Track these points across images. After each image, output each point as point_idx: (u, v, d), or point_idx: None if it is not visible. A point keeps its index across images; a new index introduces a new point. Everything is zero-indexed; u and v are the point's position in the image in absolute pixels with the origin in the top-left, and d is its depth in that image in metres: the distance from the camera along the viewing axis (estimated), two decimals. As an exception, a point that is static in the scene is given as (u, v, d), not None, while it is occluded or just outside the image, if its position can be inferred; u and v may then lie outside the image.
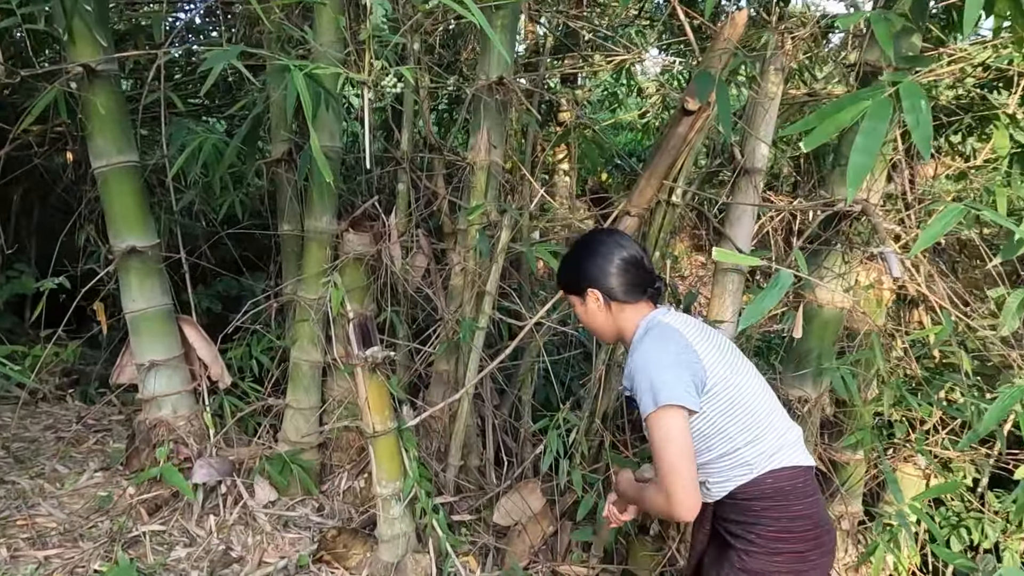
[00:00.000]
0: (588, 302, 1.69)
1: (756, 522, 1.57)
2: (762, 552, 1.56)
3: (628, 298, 1.65)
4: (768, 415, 1.61)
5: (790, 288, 1.96)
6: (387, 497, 2.43)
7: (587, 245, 1.72)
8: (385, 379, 2.38)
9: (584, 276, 1.68)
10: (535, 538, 2.94)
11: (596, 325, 1.72)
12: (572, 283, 1.74)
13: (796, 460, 1.60)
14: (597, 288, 1.65)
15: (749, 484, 1.57)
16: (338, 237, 2.95)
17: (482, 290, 2.97)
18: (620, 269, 1.64)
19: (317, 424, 3.05)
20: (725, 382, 1.57)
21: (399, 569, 2.42)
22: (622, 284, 1.63)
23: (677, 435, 1.45)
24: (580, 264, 1.70)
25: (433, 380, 3.29)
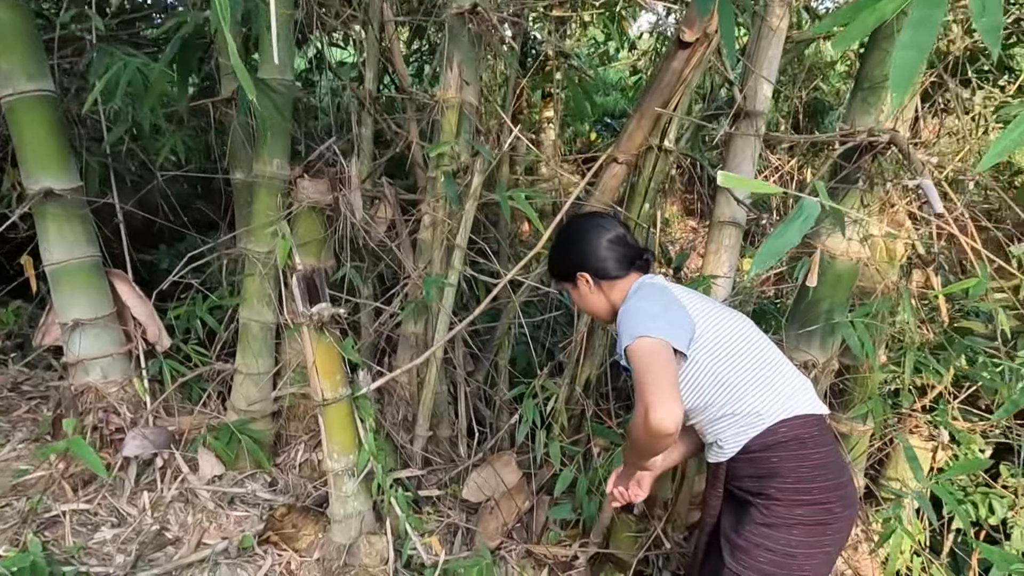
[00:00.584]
0: (580, 286, 1.72)
1: (773, 475, 1.49)
2: (783, 505, 1.48)
3: (618, 273, 1.67)
4: (773, 364, 1.57)
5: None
6: (339, 472, 2.16)
7: (570, 233, 1.76)
8: (336, 340, 2.09)
9: (572, 262, 1.72)
10: (509, 515, 2.69)
11: (591, 306, 1.75)
12: (562, 272, 1.77)
13: (809, 408, 1.53)
14: (586, 271, 1.69)
15: (763, 434, 1.49)
16: (291, 184, 2.63)
17: (452, 244, 2.68)
18: (606, 248, 1.67)
19: (270, 391, 2.77)
20: (718, 330, 1.56)
21: (351, 552, 2.16)
22: (610, 262, 1.67)
23: (657, 357, 1.40)
24: (566, 252, 1.74)
25: (400, 343, 3.01)
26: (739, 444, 1.51)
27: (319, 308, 1.99)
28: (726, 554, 1.53)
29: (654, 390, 1.33)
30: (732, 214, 2.55)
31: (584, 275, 1.69)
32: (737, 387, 1.51)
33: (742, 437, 1.51)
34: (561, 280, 1.80)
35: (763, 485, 1.50)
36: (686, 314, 1.55)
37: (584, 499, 2.51)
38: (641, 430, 1.35)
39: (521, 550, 2.58)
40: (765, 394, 1.50)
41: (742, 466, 1.54)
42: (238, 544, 2.23)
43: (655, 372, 1.36)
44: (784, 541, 1.46)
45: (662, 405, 1.31)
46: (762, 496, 1.50)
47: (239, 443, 2.58)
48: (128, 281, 2.57)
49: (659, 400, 1.31)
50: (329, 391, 2.09)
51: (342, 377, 2.12)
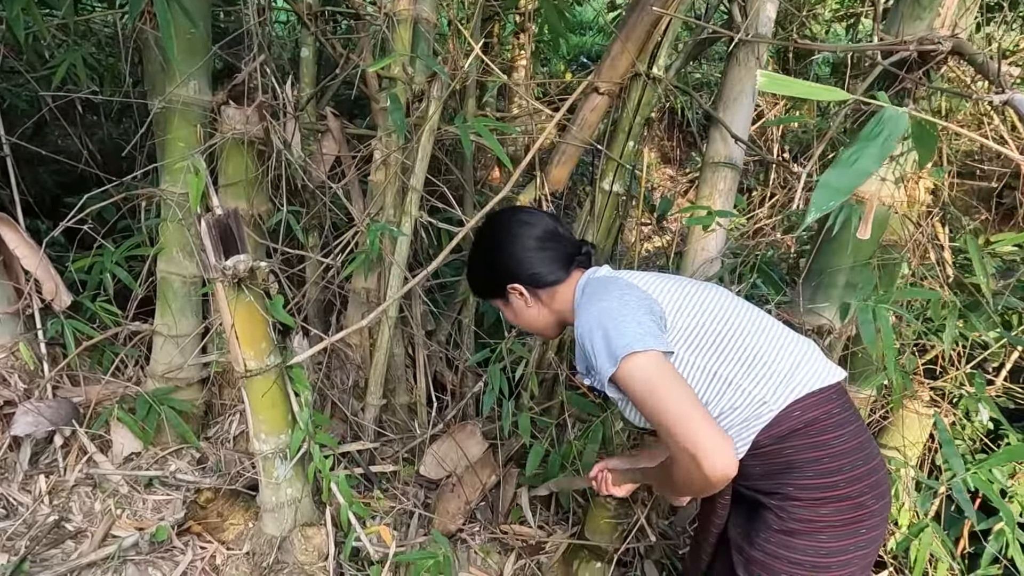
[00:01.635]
0: (513, 301, 1.42)
1: (789, 469, 1.22)
2: (804, 506, 1.21)
3: (556, 278, 1.37)
4: (768, 337, 1.27)
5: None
6: (268, 455, 1.82)
7: (488, 236, 1.44)
8: (259, 299, 1.72)
9: (497, 273, 1.40)
10: (472, 492, 2.40)
11: (530, 322, 1.44)
12: (487, 287, 1.46)
13: (822, 378, 1.24)
14: (518, 281, 1.38)
15: (772, 424, 1.21)
16: (214, 112, 2.21)
17: (406, 185, 2.30)
18: (535, 249, 1.36)
19: (197, 355, 2.40)
20: (692, 313, 1.27)
21: (284, 548, 1.85)
22: (544, 264, 1.36)
23: (661, 376, 1.12)
24: (488, 261, 1.42)
25: (351, 300, 2.65)
26: (747, 442, 1.23)
27: (235, 260, 1.62)
28: (739, 570, 1.25)
29: (691, 428, 1.06)
30: (728, 153, 2.21)
31: (516, 287, 1.38)
32: (730, 376, 1.22)
33: (748, 433, 1.22)
34: (488, 296, 1.48)
35: (778, 483, 1.22)
36: (646, 296, 1.26)
37: (556, 473, 2.22)
38: (693, 481, 1.09)
39: (486, 534, 2.30)
40: (765, 376, 1.22)
41: (750, 463, 1.25)
42: (151, 537, 1.89)
43: (676, 401, 1.09)
44: (812, 550, 1.18)
45: (714, 450, 1.05)
46: (777, 496, 1.22)
47: (159, 416, 2.23)
48: (15, 227, 2.15)
49: (706, 442, 1.05)
50: (253, 360, 1.74)
51: (269, 344, 1.76)
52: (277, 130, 2.20)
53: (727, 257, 1.90)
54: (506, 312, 1.46)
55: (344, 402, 2.61)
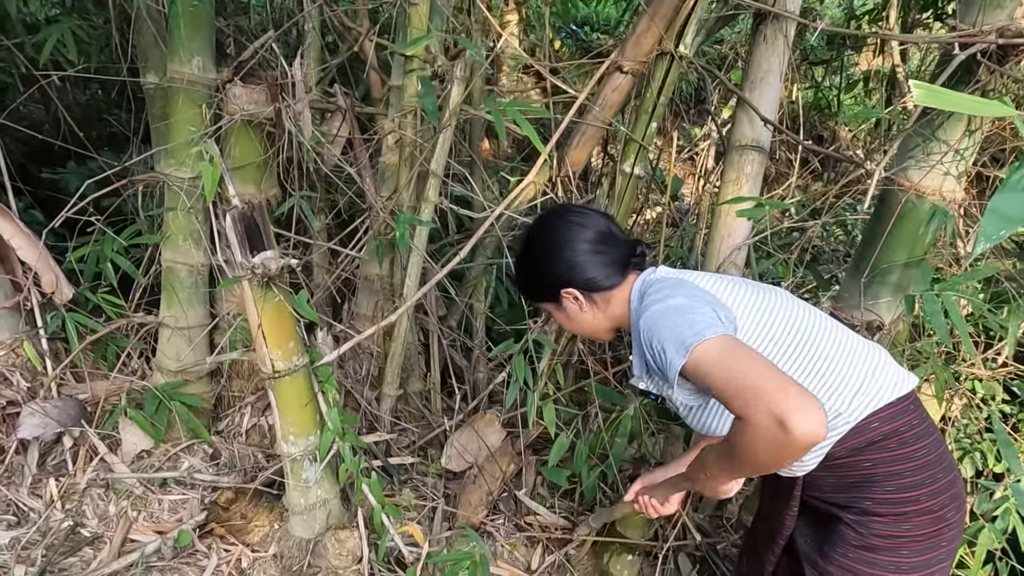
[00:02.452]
0: (567, 305, 1.36)
1: (868, 483, 1.18)
2: (885, 521, 1.17)
3: (612, 282, 1.31)
4: (839, 344, 1.21)
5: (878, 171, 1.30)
6: (297, 458, 1.75)
7: (540, 239, 1.37)
8: (287, 297, 1.63)
9: (550, 279, 1.34)
10: (493, 483, 2.36)
11: (584, 327, 1.39)
12: (539, 292, 1.40)
13: (899, 388, 1.19)
14: (572, 286, 1.32)
15: (848, 437, 1.17)
16: (218, 91, 2.08)
17: (425, 170, 2.19)
18: (589, 252, 1.30)
19: (206, 347, 2.30)
20: (762, 318, 1.21)
21: (317, 552, 1.79)
22: (598, 269, 1.30)
23: (737, 348, 1.04)
24: (540, 266, 1.37)
25: (360, 287, 2.56)
26: (820, 453, 1.19)
27: (264, 258, 1.52)
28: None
29: (774, 387, 0.93)
30: (755, 136, 2.15)
31: (570, 291, 1.32)
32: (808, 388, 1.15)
33: (823, 444, 1.18)
34: (540, 301, 1.42)
35: (854, 497, 1.18)
36: (716, 300, 1.19)
37: (583, 468, 2.19)
38: (776, 444, 0.94)
39: (510, 525, 2.27)
40: (840, 386, 1.17)
41: (823, 475, 1.21)
42: (174, 541, 1.82)
43: (755, 368, 0.97)
44: (892, 566, 1.15)
45: (803, 407, 0.91)
46: (854, 511, 1.19)
47: (169, 412, 2.13)
48: (9, 215, 2.01)
49: (794, 399, 0.92)
50: (281, 361, 1.65)
51: (296, 343, 1.68)
52: (288, 111, 2.07)
53: (763, 245, 1.85)
54: (558, 316, 1.39)
55: (358, 391, 2.54)
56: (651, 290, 1.22)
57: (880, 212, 1.58)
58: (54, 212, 2.04)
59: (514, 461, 2.46)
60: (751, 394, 0.95)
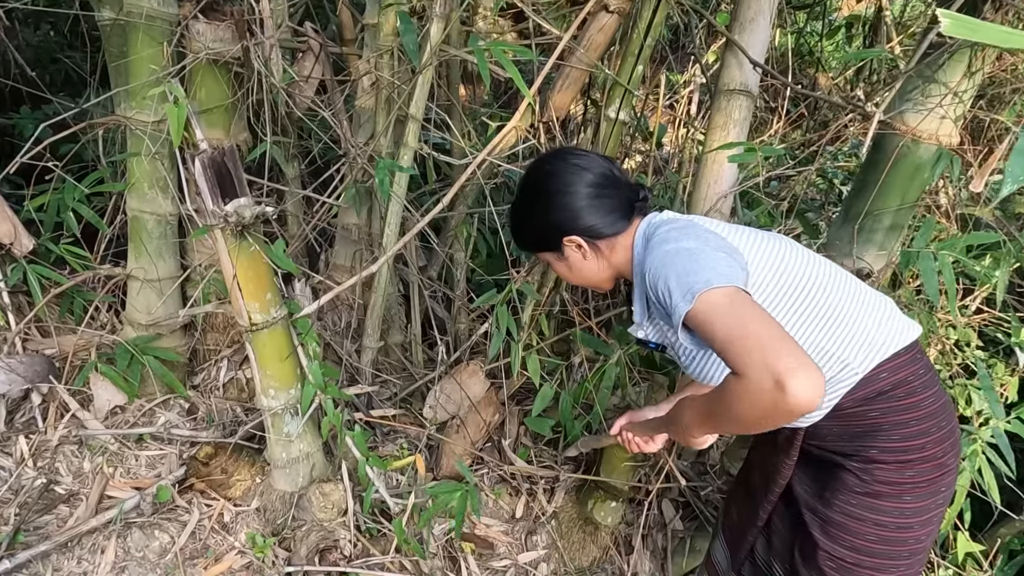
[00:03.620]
0: (568, 255, 1.30)
1: (873, 431, 1.18)
2: (889, 468, 1.17)
3: (616, 228, 1.26)
4: (848, 294, 1.19)
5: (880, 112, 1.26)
6: (278, 412, 1.71)
7: (540, 184, 1.30)
8: (263, 247, 1.56)
9: (551, 227, 1.28)
10: (477, 432, 2.35)
11: (588, 277, 1.34)
12: (540, 240, 1.33)
13: (905, 337, 1.18)
14: (575, 234, 1.26)
15: (857, 388, 1.16)
16: (181, 28, 1.95)
17: (403, 114, 2.10)
18: (592, 197, 1.24)
19: (178, 300, 2.22)
20: (772, 267, 1.17)
21: (301, 506, 1.77)
22: (602, 215, 1.25)
23: (744, 303, 0.98)
24: (539, 214, 1.30)
25: (338, 237, 2.49)
26: (828, 405, 1.18)
27: (237, 206, 1.45)
28: (815, 531, 1.23)
29: (777, 348, 0.88)
30: (744, 80, 2.09)
31: (573, 239, 1.26)
32: (813, 339, 1.14)
33: (831, 397, 1.17)
34: (538, 251, 1.36)
35: (859, 445, 1.18)
36: (734, 251, 1.13)
37: (567, 418, 2.19)
38: (769, 406, 0.88)
39: (494, 475, 2.27)
40: (849, 337, 1.14)
41: (828, 424, 1.21)
42: (154, 497, 1.78)
43: (757, 324, 0.93)
44: (896, 511, 1.16)
45: (801, 369, 0.85)
46: (858, 459, 1.18)
47: (142, 366, 2.07)
48: (-41, 162, 1.88)
49: (794, 362, 0.86)
50: (259, 313, 1.59)
51: (274, 295, 1.62)
52: (257, 49, 1.95)
53: (753, 192, 1.81)
54: (558, 267, 1.34)
55: (337, 344, 2.49)
56: (659, 232, 1.17)
57: (874, 158, 1.55)
58: (7, 160, 1.92)
59: (498, 411, 2.45)
60: (752, 348, 0.90)
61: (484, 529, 2.05)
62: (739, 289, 1.01)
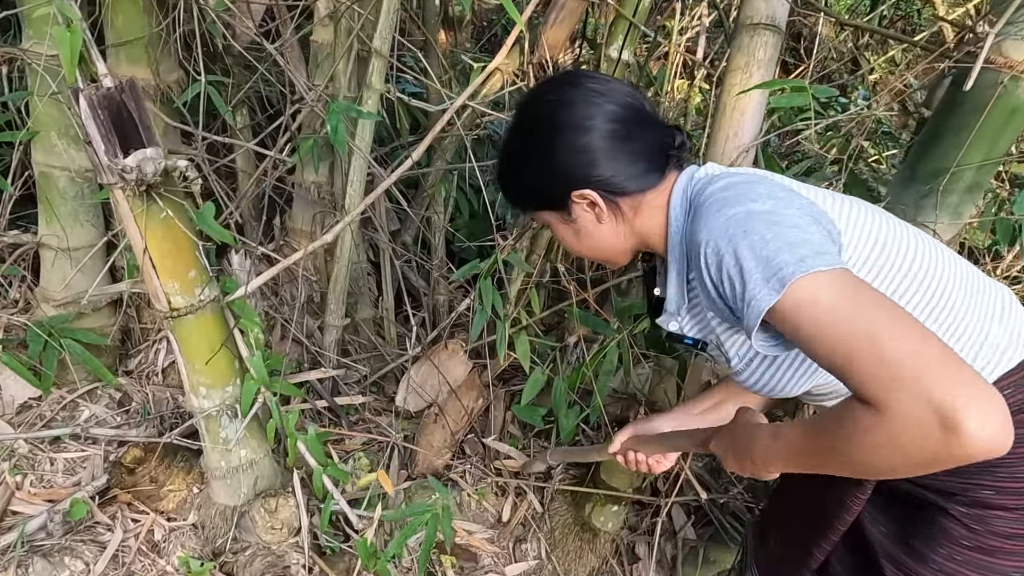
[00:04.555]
0: (578, 215, 0.96)
1: (991, 468, 0.85)
2: (1010, 514, 0.87)
3: (644, 182, 0.92)
4: (961, 282, 0.88)
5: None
6: (212, 414, 1.40)
7: (542, 117, 0.94)
8: (181, 212, 1.22)
9: (557, 174, 0.93)
10: (458, 421, 2.06)
11: (600, 245, 0.99)
12: (540, 194, 0.98)
13: None
14: (589, 187, 0.92)
15: None
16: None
17: (367, 49, 1.74)
18: (616, 138, 0.90)
19: (102, 272, 1.88)
20: (869, 241, 0.85)
21: (243, 526, 1.47)
22: (629, 163, 0.91)
23: (864, 296, 0.68)
24: (540, 155, 0.94)
25: (296, 198, 2.15)
26: None
27: (138, 158, 1.11)
28: None
29: (933, 366, 0.61)
30: (771, 13, 1.75)
31: (585, 194, 0.92)
32: None
33: None
34: (536, 208, 1.01)
35: (969, 484, 0.88)
36: (823, 216, 0.82)
37: (561, 406, 1.90)
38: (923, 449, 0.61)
39: (477, 471, 1.99)
40: (966, 338, 0.86)
41: None
42: (64, 515, 1.48)
43: (898, 328, 0.64)
44: (1015, 572, 0.88)
45: (979, 399, 0.58)
46: (966, 501, 0.89)
47: (60, 351, 1.74)
48: None
49: (964, 389, 0.59)
50: (180, 295, 1.27)
51: (200, 271, 1.29)
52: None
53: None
54: (561, 231, 1.00)
55: (296, 321, 2.17)
56: (712, 190, 0.84)
57: (955, 100, 1.24)
58: None
59: (481, 395, 2.16)
60: (896, 367, 0.61)
61: (466, 536, 1.78)
62: (850, 273, 0.71)
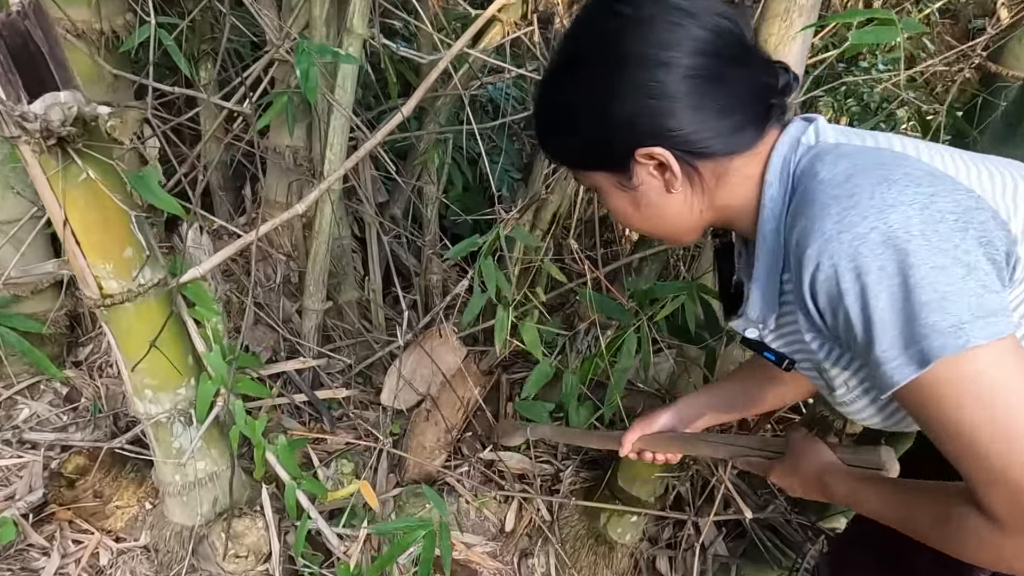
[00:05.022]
0: (642, 179, 0.69)
1: None
2: None
3: (738, 141, 0.66)
4: None
5: None
6: (162, 421, 1.17)
7: (604, 46, 0.66)
8: (111, 175, 0.97)
9: (620, 126, 0.66)
10: (453, 416, 1.84)
11: (669, 220, 0.73)
12: (593, 149, 0.71)
13: None
14: (660, 142, 0.65)
15: None
16: None
17: (346, -14, 1.48)
18: (700, 76, 0.63)
19: (44, 249, 1.63)
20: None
21: (200, 553, 1.24)
22: (715, 113, 0.65)
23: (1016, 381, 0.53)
24: (601, 100, 0.66)
25: (270, 164, 1.89)
26: None
27: (47, 103, 0.85)
28: None
29: None
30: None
31: (656, 152, 0.67)
32: None
33: None
34: (587, 166, 0.75)
35: None
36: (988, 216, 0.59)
37: (571, 401, 1.68)
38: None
39: (476, 471, 1.77)
40: None
41: None
42: (-10, 538, 1.25)
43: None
44: None
45: None
46: None
47: (-6, 341, 1.49)
48: None
49: None
50: (113, 279, 1.02)
51: (138, 249, 1.04)
52: None
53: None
54: (614, 198, 0.74)
55: (272, 304, 1.93)
56: (825, 173, 0.61)
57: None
58: None
59: (478, 384, 1.94)
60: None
61: (464, 551, 1.56)
62: (1012, 344, 0.55)
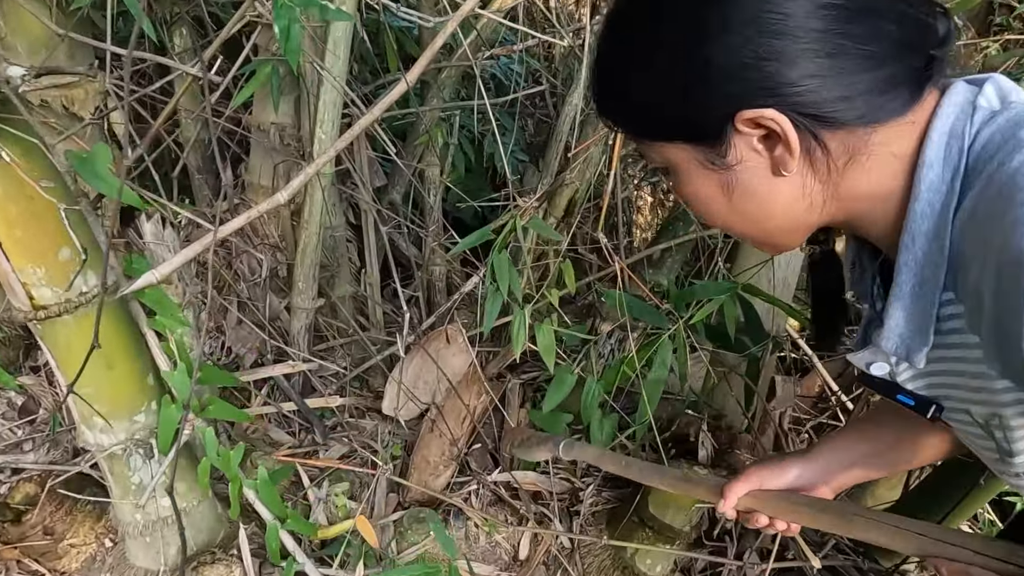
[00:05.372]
0: (742, 154, 0.50)
1: None
2: None
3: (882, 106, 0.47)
4: None
5: None
6: (116, 453, 0.97)
7: None
8: (41, 155, 0.77)
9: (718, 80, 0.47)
10: (459, 426, 1.65)
11: (772, 212, 0.52)
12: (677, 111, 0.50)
13: None
14: (774, 104, 0.46)
15: None
16: None
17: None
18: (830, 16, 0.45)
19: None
20: None
21: (167, 606, 1.06)
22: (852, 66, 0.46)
23: None
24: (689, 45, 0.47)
25: (254, 144, 1.68)
26: None
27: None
28: None
29: None
30: None
31: (766, 117, 0.48)
32: None
33: None
34: (666, 137, 0.54)
35: None
36: None
37: (593, 412, 1.49)
38: None
39: (488, 492, 1.58)
40: None
41: None
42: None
43: None
44: None
45: None
46: None
47: (-66, 347, 1.30)
48: None
49: None
50: (46, 286, 0.82)
51: (73, 251, 0.84)
52: None
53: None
54: (699, 182, 0.55)
55: (257, 300, 1.73)
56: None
57: None
58: None
59: (487, 391, 1.74)
60: None
61: (474, 583, 1.38)
62: None
